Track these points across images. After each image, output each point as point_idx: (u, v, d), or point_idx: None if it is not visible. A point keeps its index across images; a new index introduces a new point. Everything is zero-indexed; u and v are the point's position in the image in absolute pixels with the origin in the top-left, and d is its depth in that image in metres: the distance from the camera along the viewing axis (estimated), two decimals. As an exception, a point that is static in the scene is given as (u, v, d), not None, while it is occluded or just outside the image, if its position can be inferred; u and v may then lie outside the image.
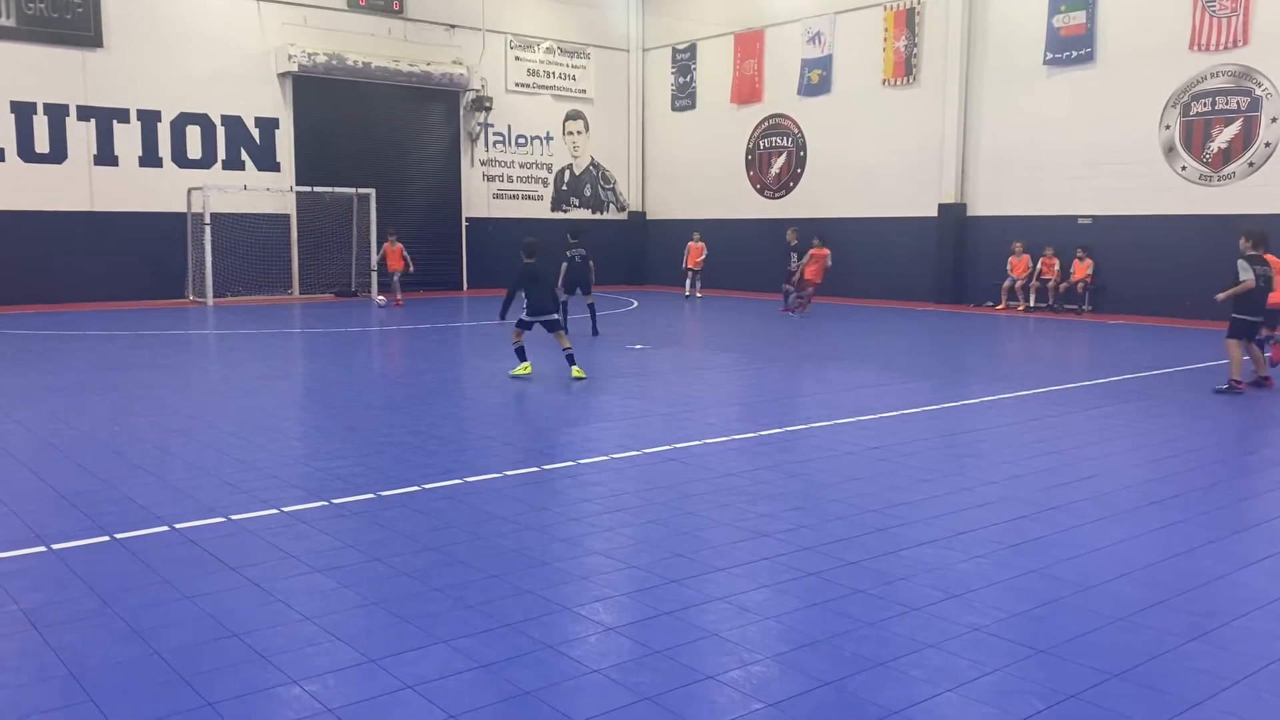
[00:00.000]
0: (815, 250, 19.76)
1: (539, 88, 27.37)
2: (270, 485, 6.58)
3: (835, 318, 18.65)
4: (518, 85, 26.91)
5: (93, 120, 20.82)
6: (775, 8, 25.28)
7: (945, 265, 22.27)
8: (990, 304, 21.54)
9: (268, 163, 22.98)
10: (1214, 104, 18.39)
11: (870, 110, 23.52)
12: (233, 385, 11.03)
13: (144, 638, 4.14)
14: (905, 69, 22.80)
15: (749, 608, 4.54)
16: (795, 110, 25.29)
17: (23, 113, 20.10)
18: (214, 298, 20.96)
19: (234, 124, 22.51)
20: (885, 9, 23.02)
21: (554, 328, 11.12)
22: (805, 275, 19.70)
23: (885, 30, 23.06)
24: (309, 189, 22.88)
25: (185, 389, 10.65)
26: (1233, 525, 5.92)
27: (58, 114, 20.45)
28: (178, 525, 5.68)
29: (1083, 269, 20.03)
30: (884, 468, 7.24)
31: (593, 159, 28.77)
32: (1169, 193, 18.95)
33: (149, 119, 21.47)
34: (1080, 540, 5.56)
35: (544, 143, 27.71)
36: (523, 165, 27.38)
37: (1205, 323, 18.06)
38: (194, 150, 22.06)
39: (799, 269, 20.00)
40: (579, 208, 28.65)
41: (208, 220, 20.95)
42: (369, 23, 24.04)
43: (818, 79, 24.61)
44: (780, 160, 25.76)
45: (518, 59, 26.85)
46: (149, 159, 21.53)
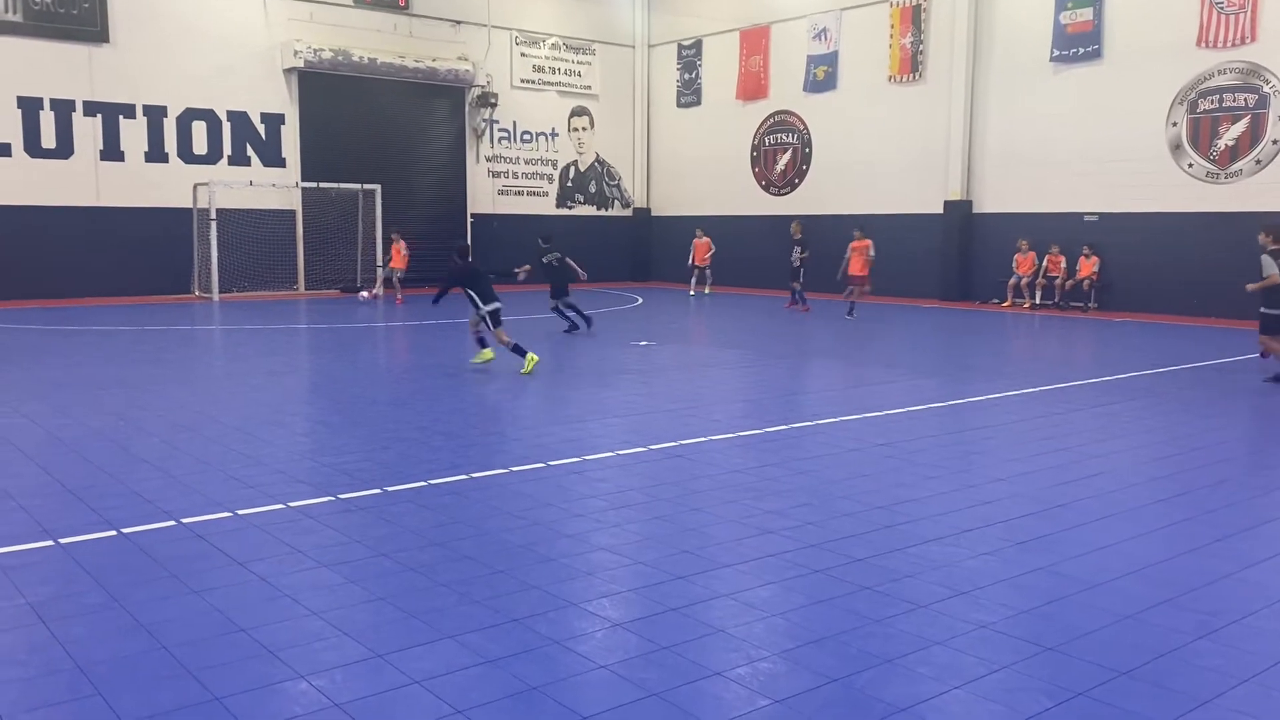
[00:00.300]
0: (855, 243, 18.59)
1: (544, 84, 27.34)
2: (277, 480, 6.59)
3: (839, 315, 18.61)
4: (523, 81, 26.89)
5: (99, 115, 20.84)
6: (781, 4, 25.22)
7: (951, 262, 22.23)
8: (996, 301, 21.51)
9: (273, 158, 22.99)
10: (1221, 101, 18.34)
11: (876, 107, 23.46)
12: (239, 380, 11.04)
13: (151, 632, 4.15)
14: (911, 65, 22.75)
15: (755, 604, 4.53)
16: (801, 107, 25.24)
17: (29, 108, 20.12)
18: (220, 293, 20.99)
19: (240, 120, 22.52)
20: (892, 5, 22.96)
21: (498, 322, 11.51)
22: (850, 271, 18.56)
23: (891, 27, 23.01)
24: (315, 185, 22.91)
25: (191, 384, 10.66)
26: (1240, 523, 5.90)
27: (64, 109, 20.47)
28: (185, 520, 5.69)
29: (1088, 266, 19.99)
30: (890, 464, 7.24)
31: (598, 155, 28.75)
32: (1176, 190, 18.89)
33: (155, 114, 21.49)
34: (1087, 538, 5.55)
35: (549, 139, 27.70)
36: (528, 161, 27.37)
37: (1212, 320, 18.05)
38: (200, 146, 22.08)
39: (801, 263, 19.72)
40: (584, 204, 28.63)
41: (214, 216, 20.97)
42: (375, 19, 24.04)
43: (823, 75, 24.56)
44: (785, 157, 25.72)
45: (523, 55, 26.84)
46: (155, 154, 21.55)
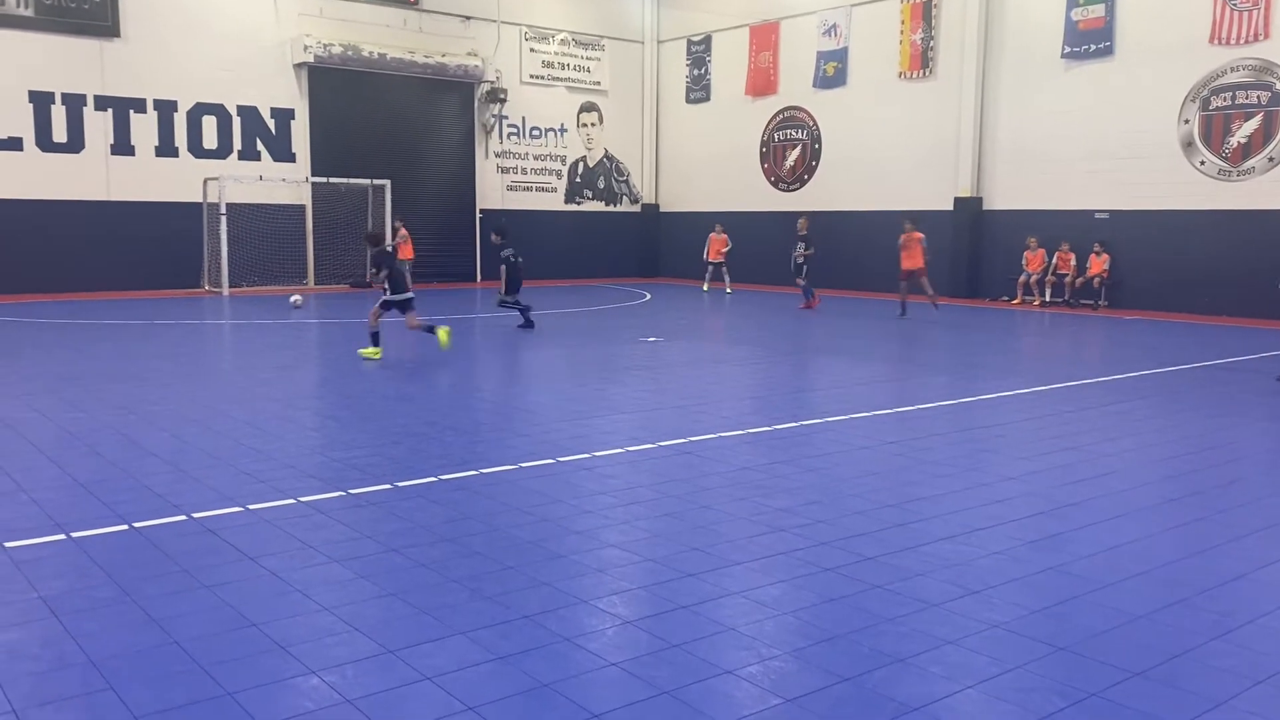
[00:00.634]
0: (906, 235, 17.78)
1: (553, 79, 27.32)
2: (287, 475, 6.60)
3: (849, 312, 18.57)
4: (532, 77, 26.87)
5: (110, 110, 20.89)
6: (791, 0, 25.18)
7: (960, 259, 22.14)
8: (1005, 299, 21.43)
9: (283, 153, 23.02)
10: (1234, 98, 18.23)
11: (886, 103, 23.38)
12: (248, 375, 11.06)
13: (163, 626, 4.16)
14: (922, 62, 22.67)
15: (766, 602, 4.53)
16: (810, 103, 25.18)
17: (40, 102, 20.18)
18: (229, 288, 21.03)
19: (250, 114, 22.55)
20: (902, 1, 22.85)
21: (408, 308, 12.14)
22: (905, 266, 17.76)
23: (902, 23, 22.93)
24: (324, 180, 22.91)
25: (201, 378, 10.68)
26: (1253, 523, 5.87)
27: (75, 104, 20.52)
28: (195, 514, 5.70)
29: (1099, 264, 19.91)
30: (901, 462, 7.22)
31: (606, 151, 28.72)
32: (1187, 188, 18.80)
33: (165, 109, 21.53)
34: (1099, 537, 5.53)
35: (558, 135, 27.67)
36: (537, 157, 27.35)
37: (1223, 318, 17.96)
38: (210, 140, 22.12)
39: (805, 259, 19.22)
40: (592, 200, 28.61)
41: (223, 210, 21.00)
42: (384, 14, 24.04)
43: (833, 71, 24.49)
44: (795, 153, 25.66)
45: (532, 51, 26.81)
46: (165, 149, 21.59)
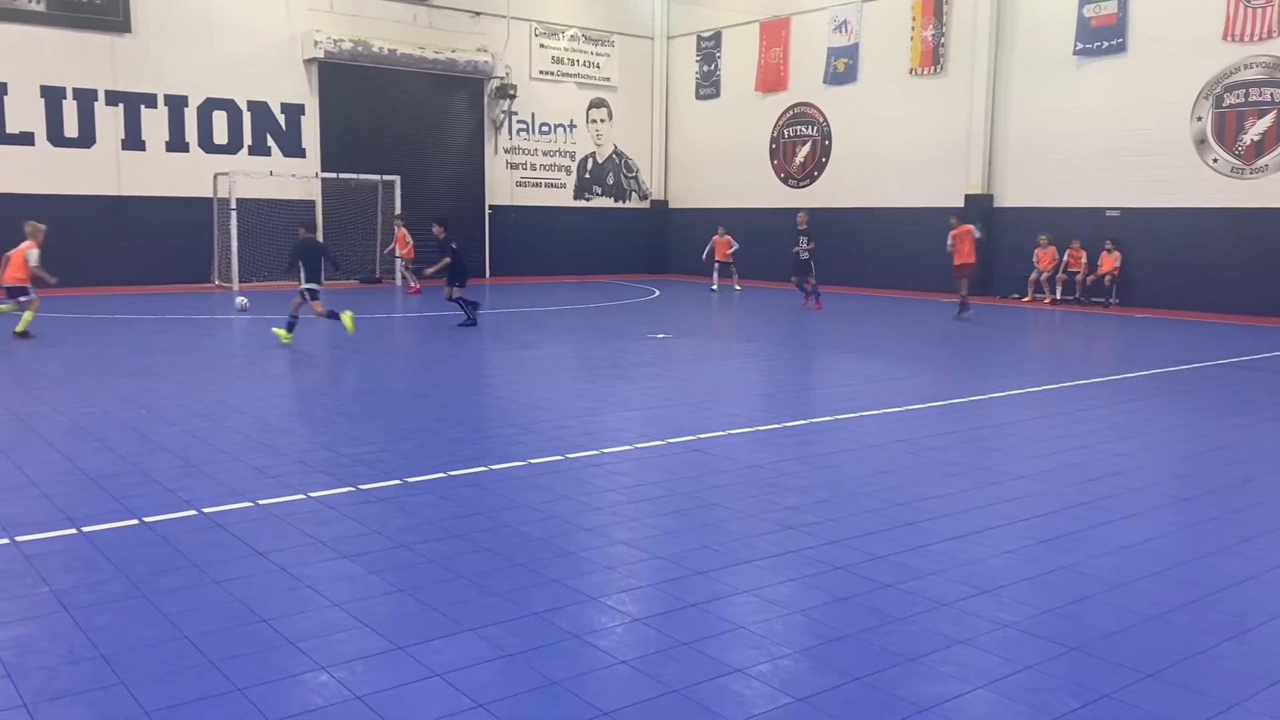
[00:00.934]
0: (956, 230, 16.97)
1: (563, 75, 27.30)
2: (297, 470, 6.61)
3: (859, 309, 18.52)
4: (542, 73, 26.85)
5: (121, 105, 20.94)
6: (802, -4, 25.12)
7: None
8: (1016, 296, 21.36)
9: (294, 149, 23.05)
10: (1247, 96, 18.12)
11: (897, 100, 23.30)
12: (258, 370, 11.08)
13: (173, 621, 4.16)
14: (933, 58, 22.58)
15: (776, 601, 4.51)
16: (821, 99, 25.11)
17: (52, 97, 20.24)
18: (239, 283, 21.07)
19: (260, 110, 22.58)
20: (913, -3, 22.81)
21: (314, 296, 12.95)
22: (958, 262, 16.94)
23: (913, 19, 22.84)
24: (334, 175, 22.96)
25: (211, 373, 10.70)
26: (1266, 523, 5.83)
27: (86, 99, 20.58)
28: (205, 509, 5.71)
29: (1110, 262, 19.82)
30: (911, 461, 7.20)
31: (616, 147, 28.69)
32: (1200, 185, 18.70)
33: (176, 104, 21.57)
34: (1110, 537, 5.50)
35: (567, 130, 27.65)
36: (546, 153, 27.34)
37: (1235, 316, 17.87)
38: (220, 136, 22.16)
39: (809, 255, 18.53)
40: (601, 196, 28.59)
41: (234, 206, 21.05)
42: (395, 9, 24.04)
43: (844, 68, 24.42)
44: (805, 149, 25.59)
45: (542, 46, 26.79)
46: (176, 144, 21.64)
